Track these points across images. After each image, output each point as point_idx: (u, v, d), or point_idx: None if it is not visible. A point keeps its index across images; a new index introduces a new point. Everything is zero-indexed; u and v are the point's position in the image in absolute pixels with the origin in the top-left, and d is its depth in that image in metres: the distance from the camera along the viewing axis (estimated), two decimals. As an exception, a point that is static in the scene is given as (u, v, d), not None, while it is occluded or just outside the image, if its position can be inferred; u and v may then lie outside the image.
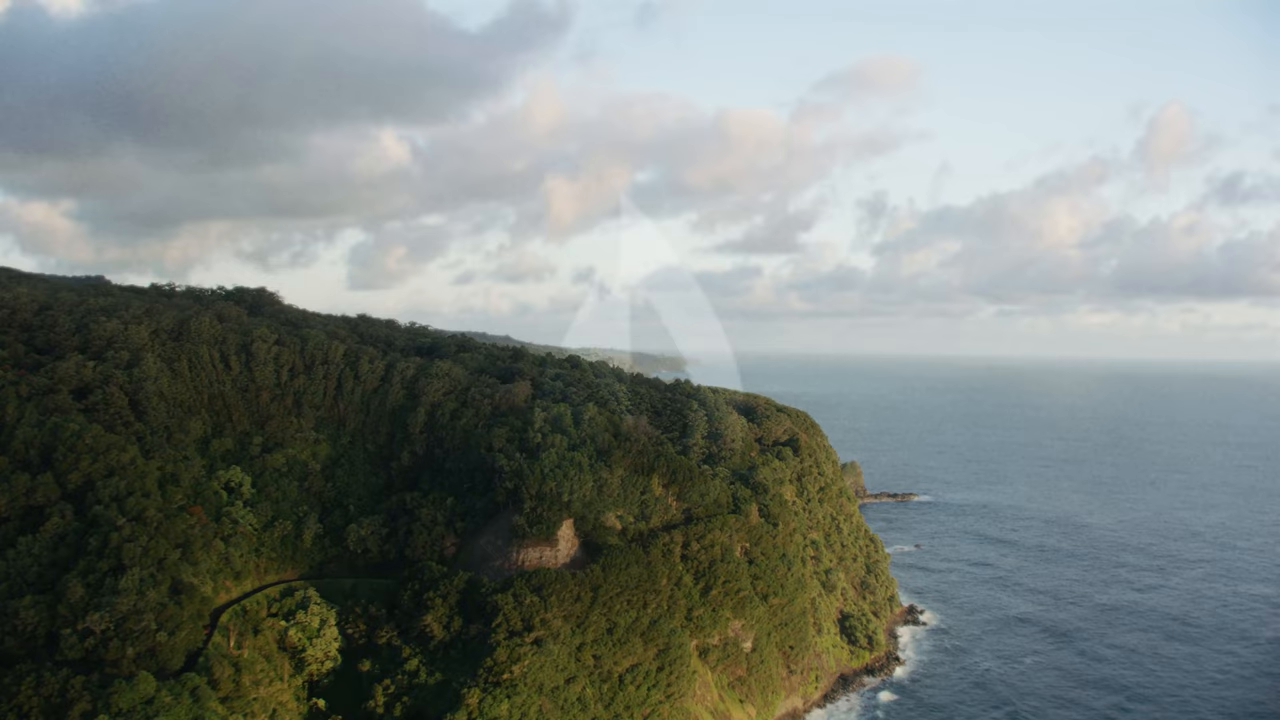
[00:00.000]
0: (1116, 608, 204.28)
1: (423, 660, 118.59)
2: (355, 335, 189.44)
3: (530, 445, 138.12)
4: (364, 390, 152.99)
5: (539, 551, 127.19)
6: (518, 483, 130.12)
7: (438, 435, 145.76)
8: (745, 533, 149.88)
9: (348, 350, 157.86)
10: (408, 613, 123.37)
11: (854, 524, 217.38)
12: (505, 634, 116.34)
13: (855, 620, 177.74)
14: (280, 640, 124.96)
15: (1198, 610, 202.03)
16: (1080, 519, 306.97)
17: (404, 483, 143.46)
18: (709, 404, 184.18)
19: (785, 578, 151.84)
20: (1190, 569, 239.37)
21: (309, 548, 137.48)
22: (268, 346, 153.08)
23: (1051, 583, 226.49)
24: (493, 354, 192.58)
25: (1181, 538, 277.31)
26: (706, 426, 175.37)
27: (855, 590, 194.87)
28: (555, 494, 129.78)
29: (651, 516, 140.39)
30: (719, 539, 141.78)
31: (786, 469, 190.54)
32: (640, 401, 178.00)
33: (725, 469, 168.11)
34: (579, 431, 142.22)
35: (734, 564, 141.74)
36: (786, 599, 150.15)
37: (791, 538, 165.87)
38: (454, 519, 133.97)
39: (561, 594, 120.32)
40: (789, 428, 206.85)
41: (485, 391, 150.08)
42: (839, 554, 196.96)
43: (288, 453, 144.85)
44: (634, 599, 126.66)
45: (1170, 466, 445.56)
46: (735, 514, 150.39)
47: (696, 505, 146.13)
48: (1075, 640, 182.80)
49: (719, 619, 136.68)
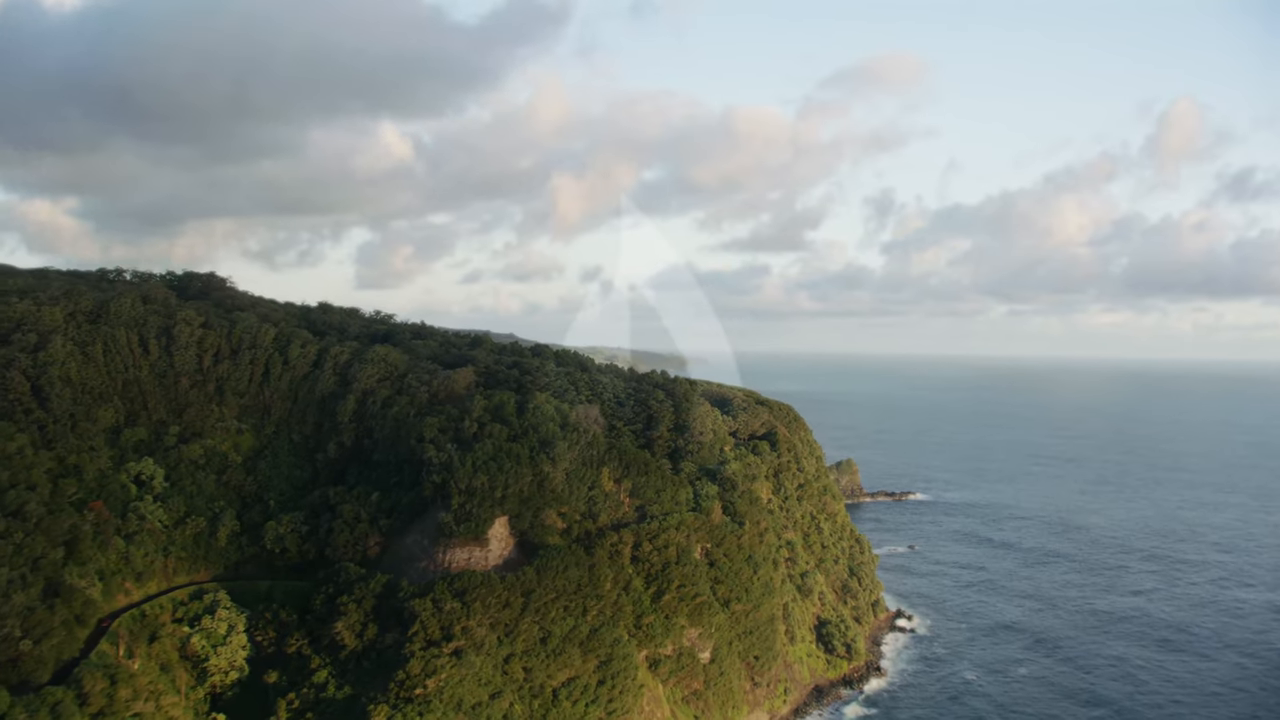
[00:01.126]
0: (1113, 614, 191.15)
1: (332, 672, 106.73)
2: (305, 322, 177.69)
3: (465, 436, 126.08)
4: (293, 377, 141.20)
5: (467, 552, 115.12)
6: (446, 476, 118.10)
7: (367, 425, 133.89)
8: (706, 532, 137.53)
9: (279, 334, 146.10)
10: (320, 619, 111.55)
11: (838, 524, 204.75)
12: (422, 644, 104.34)
13: (833, 627, 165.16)
14: (182, 648, 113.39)
15: (1199, 618, 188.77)
16: (1082, 520, 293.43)
17: (330, 476, 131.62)
18: (678, 394, 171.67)
19: (751, 581, 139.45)
20: (1194, 573, 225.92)
21: (224, 546, 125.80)
22: (191, 330, 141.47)
23: (1047, 587, 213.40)
24: (448, 340, 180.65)
25: (1186, 540, 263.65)
26: (673, 418, 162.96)
27: (836, 594, 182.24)
28: (487, 489, 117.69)
29: (600, 514, 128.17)
30: (675, 539, 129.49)
31: (762, 464, 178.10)
32: (603, 391, 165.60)
33: (691, 464, 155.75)
34: (522, 421, 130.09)
35: (691, 566, 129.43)
36: (752, 604, 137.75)
37: (762, 538, 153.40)
38: (378, 516, 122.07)
39: (488, 599, 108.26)
40: (767, 421, 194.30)
41: (423, 378, 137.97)
42: (818, 556, 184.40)
43: (206, 443, 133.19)
44: (573, 605, 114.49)
45: (1176, 466, 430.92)
46: (696, 512, 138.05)
47: (652, 502, 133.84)
48: (1066, 649, 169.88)
49: (672, 627, 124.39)
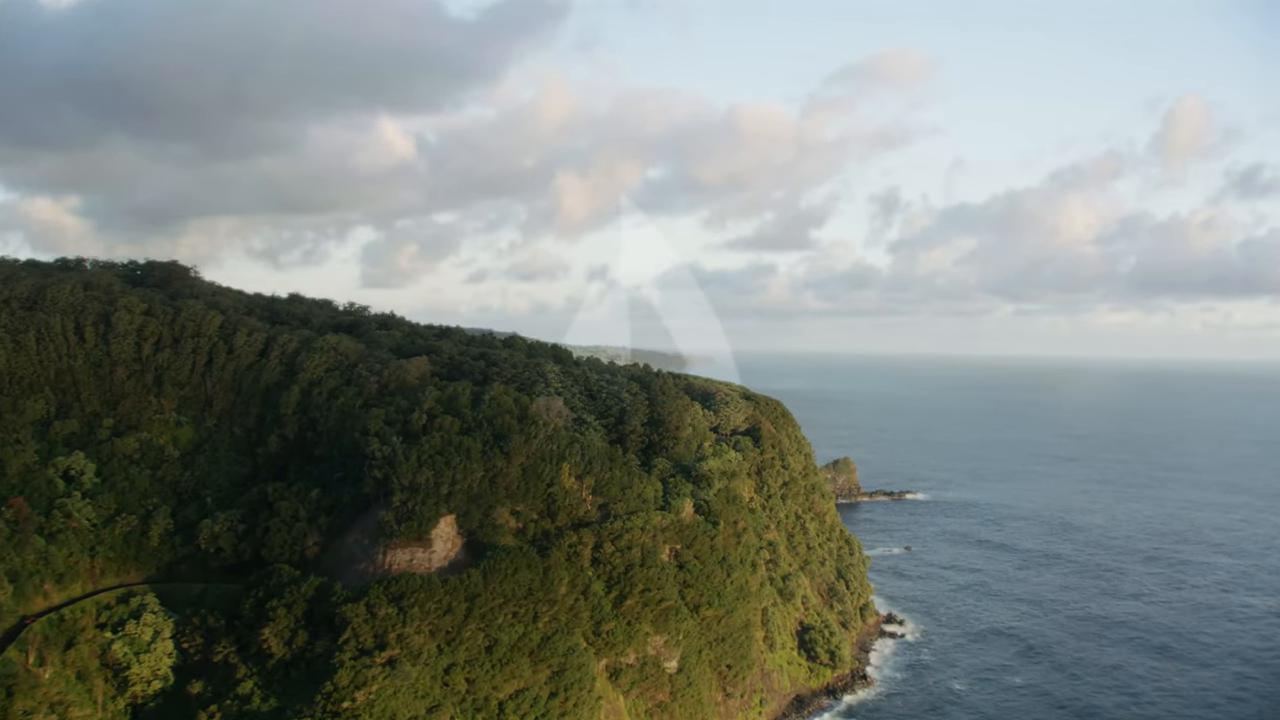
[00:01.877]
0: (1112, 620, 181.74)
1: (259, 682, 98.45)
2: (267, 313, 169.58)
3: (414, 429, 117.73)
4: (237, 366, 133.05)
5: (409, 553, 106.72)
6: (388, 471, 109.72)
7: (311, 417, 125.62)
8: (675, 533, 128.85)
9: (225, 322, 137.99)
10: (248, 625, 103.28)
11: (826, 524, 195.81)
12: (353, 652, 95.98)
13: (816, 633, 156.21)
14: (102, 656, 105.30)
15: (1201, 624, 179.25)
16: (1083, 520, 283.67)
17: (271, 472, 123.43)
18: (654, 387, 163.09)
19: (724, 585, 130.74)
20: (1198, 576, 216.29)
21: (156, 546, 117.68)
22: (131, 317, 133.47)
23: (1045, 590, 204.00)
24: (415, 331, 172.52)
25: (1191, 542, 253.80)
26: (647, 412, 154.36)
27: (821, 598, 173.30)
28: (432, 485, 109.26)
29: (559, 513, 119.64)
30: (640, 539, 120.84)
31: (744, 462, 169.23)
32: (574, 383, 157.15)
33: (665, 460, 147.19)
34: (476, 414, 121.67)
35: (657, 569, 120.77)
36: (724, 610, 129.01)
37: (739, 539, 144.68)
38: (318, 514, 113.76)
39: (427, 604, 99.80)
40: (751, 416, 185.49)
41: (374, 368, 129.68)
42: (803, 557, 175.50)
43: (142, 436, 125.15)
44: (523, 610, 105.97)
45: (1182, 466, 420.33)
46: (664, 511, 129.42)
47: (616, 500, 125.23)
48: (1062, 657, 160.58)
49: (635, 634, 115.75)
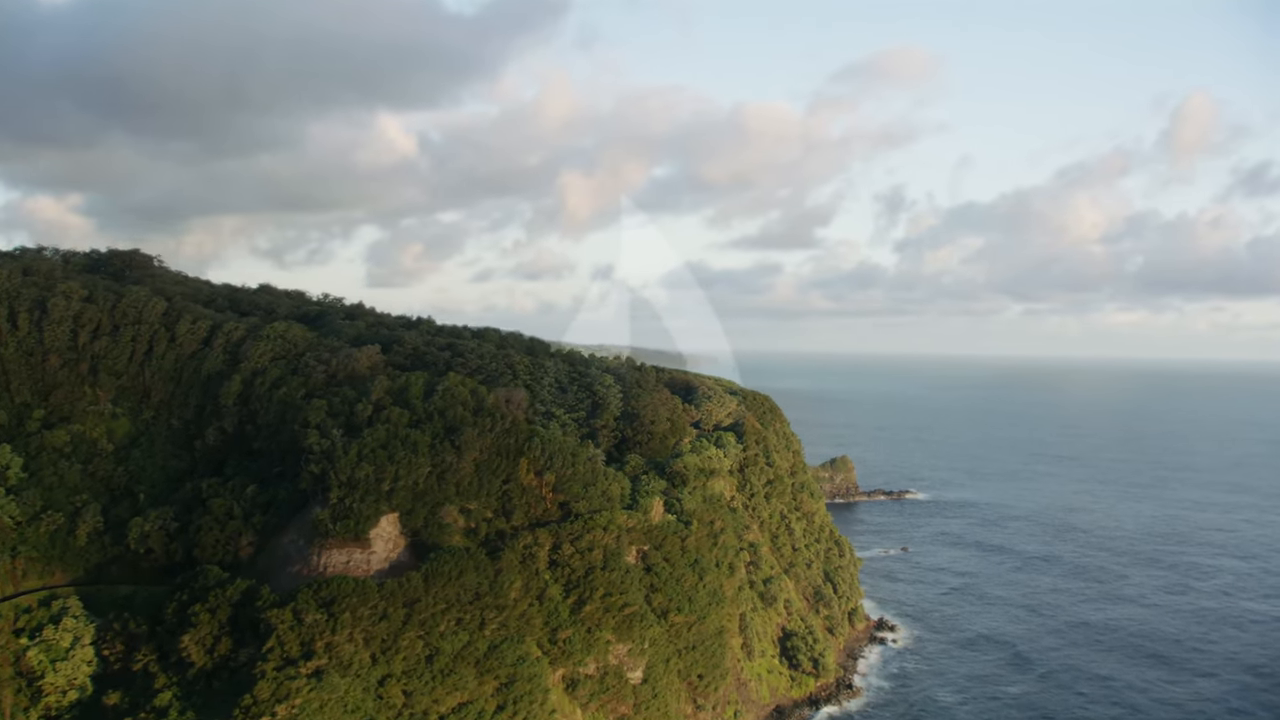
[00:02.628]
0: (1112, 627, 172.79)
1: (177, 694, 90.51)
2: (230, 303, 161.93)
3: (359, 421, 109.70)
4: (179, 355, 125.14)
5: (346, 554, 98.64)
6: (326, 466, 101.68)
7: (252, 409, 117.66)
8: (643, 533, 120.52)
9: (169, 309, 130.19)
10: (170, 630, 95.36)
11: (815, 524, 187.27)
12: (277, 662, 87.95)
13: (799, 639, 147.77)
14: (16, 664, 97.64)
15: (1206, 631, 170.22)
16: (1085, 521, 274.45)
17: (208, 466, 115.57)
18: (629, 380, 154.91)
19: (695, 589, 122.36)
20: (1202, 580, 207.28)
21: (84, 546, 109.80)
22: (68, 303, 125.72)
23: (1043, 595, 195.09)
24: (380, 321, 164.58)
25: (1195, 544, 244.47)
26: (620, 405, 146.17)
27: (806, 603, 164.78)
28: (373, 481, 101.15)
29: (515, 511, 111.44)
30: (602, 540, 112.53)
31: (725, 459, 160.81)
32: (544, 375, 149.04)
33: (637, 456, 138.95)
34: (427, 405, 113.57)
35: (621, 572, 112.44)
36: (695, 615, 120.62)
37: (716, 540, 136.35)
38: (253, 512, 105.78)
39: (360, 610, 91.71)
40: (735, 411, 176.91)
41: (322, 357, 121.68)
42: (788, 559, 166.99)
43: (73, 429, 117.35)
44: (468, 617, 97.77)
45: (1188, 465, 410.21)
46: (631, 510, 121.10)
47: (578, 498, 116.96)
48: (1058, 667, 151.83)
49: (595, 642, 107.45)
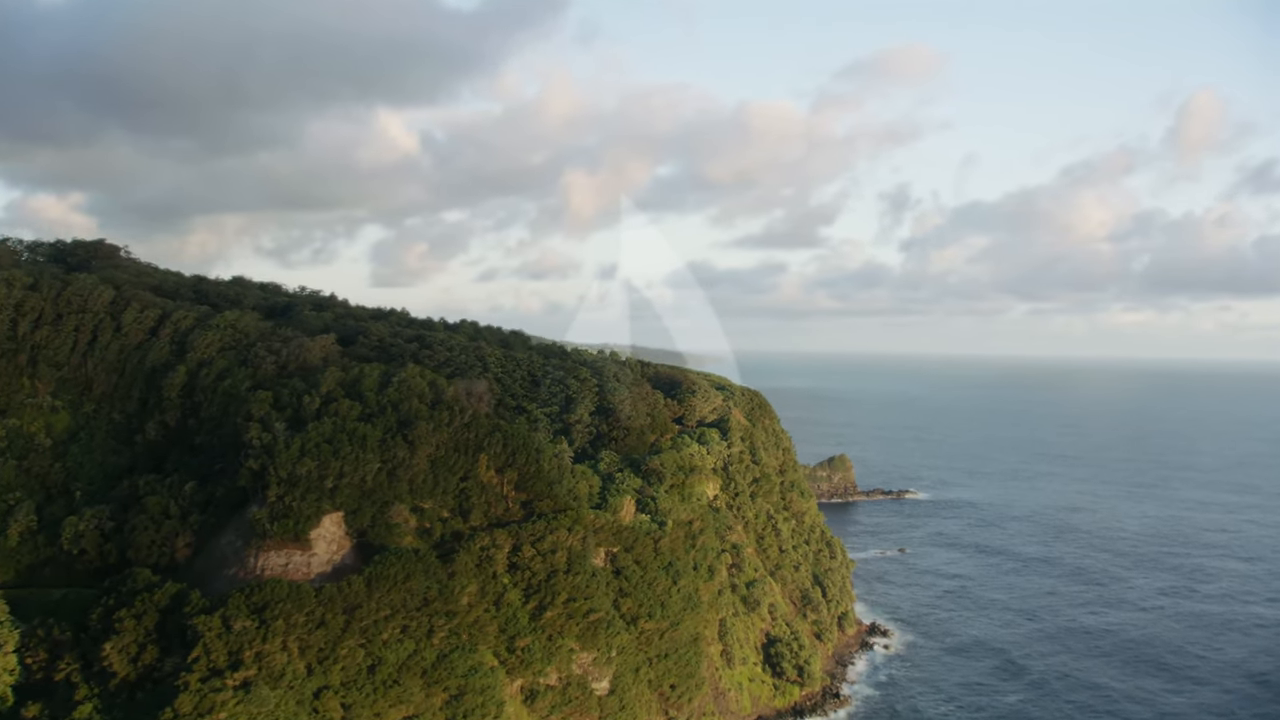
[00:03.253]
0: (1113, 633, 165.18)
1: (98, 706, 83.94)
2: (195, 293, 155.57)
3: (306, 413, 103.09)
4: (123, 346, 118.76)
5: (285, 556, 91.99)
6: (265, 462, 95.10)
7: (195, 402, 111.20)
8: (612, 534, 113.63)
9: (117, 298, 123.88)
10: (95, 638, 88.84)
11: (805, 524, 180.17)
12: (202, 673, 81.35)
13: (784, 646, 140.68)
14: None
15: (1209, 638, 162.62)
16: (1089, 522, 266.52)
17: (149, 462, 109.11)
18: (606, 373, 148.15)
19: (668, 594, 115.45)
20: (1206, 583, 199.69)
21: (15, 546, 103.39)
22: (9, 291, 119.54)
23: (1043, 600, 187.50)
24: (349, 313, 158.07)
25: (1200, 545, 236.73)
26: (596, 400, 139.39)
27: (793, 607, 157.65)
28: (315, 478, 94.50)
29: (473, 511, 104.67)
30: (566, 542, 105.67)
31: (708, 456, 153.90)
32: (517, 368, 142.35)
33: (612, 453, 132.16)
34: (381, 397, 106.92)
35: (586, 576, 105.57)
36: (668, 622, 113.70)
37: (694, 541, 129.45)
38: (191, 511, 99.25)
39: (294, 617, 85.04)
40: (720, 407, 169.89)
41: (273, 347, 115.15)
42: (774, 561, 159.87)
43: (9, 423, 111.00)
44: (415, 624, 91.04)
45: (1191, 465, 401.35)
46: (600, 509, 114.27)
47: (543, 497, 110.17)
48: (1057, 675, 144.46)
49: (557, 651, 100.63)
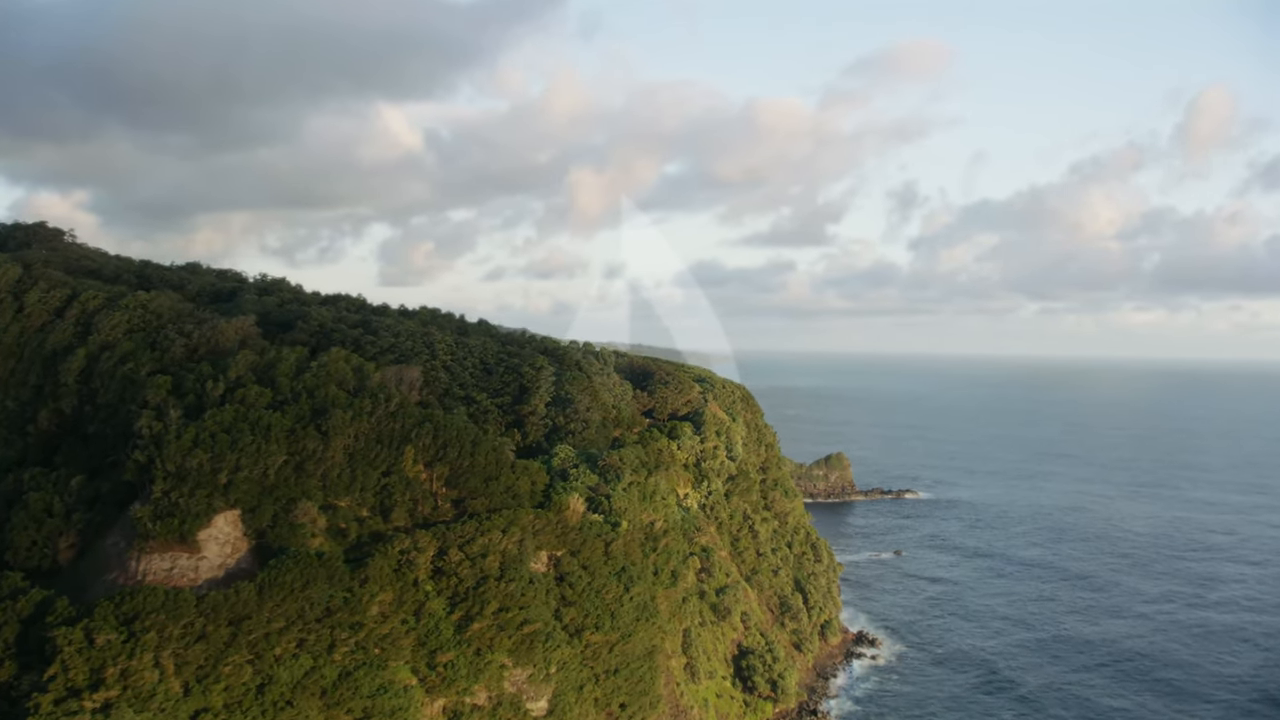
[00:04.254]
0: (1117, 646, 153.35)
1: (-54, 733, 73.86)
2: (139, 278, 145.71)
3: (209, 400, 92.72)
4: (24, 328, 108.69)
5: (169, 560, 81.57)
6: (153, 453, 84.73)
7: (93, 388, 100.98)
8: (556, 537, 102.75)
9: (23, 276, 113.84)
10: (-49, 654, 78.61)
11: (787, 525, 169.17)
12: (59, 692, 71.02)
13: (756, 658, 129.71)
14: None
15: (1218, 650, 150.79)
16: (1096, 525, 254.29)
17: (41, 455, 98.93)
18: (567, 361, 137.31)
19: (619, 602, 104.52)
20: (1217, 590, 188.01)
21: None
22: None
23: (1045, 609, 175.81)
24: (298, 297, 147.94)
25: (1212, 548, 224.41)
26: (552, 389, 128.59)
27: (770, 615, 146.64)
28: (208, 471, 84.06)
29: (395, 509, 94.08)
30: (499, 544, 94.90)
31: (678, 452, 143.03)
32: (468, 355, 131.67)
33: (567, 447, 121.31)
34: (296, 383, 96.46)
35: (521, 582, 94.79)
36: (618, 634, 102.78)
37: (655, 543, 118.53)
38: (77, 508, 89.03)
39: (169, 629, 74.58)
40: (694, 399, 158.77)
41: (184, 329, 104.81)
42: (750, 566, 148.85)
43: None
44: (315, 638, 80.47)
45: (1201, 464, 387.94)
46: (543, 508, 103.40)
47: (476, 494, 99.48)
48: (1052, 693, 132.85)
49: (486, 666, 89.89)
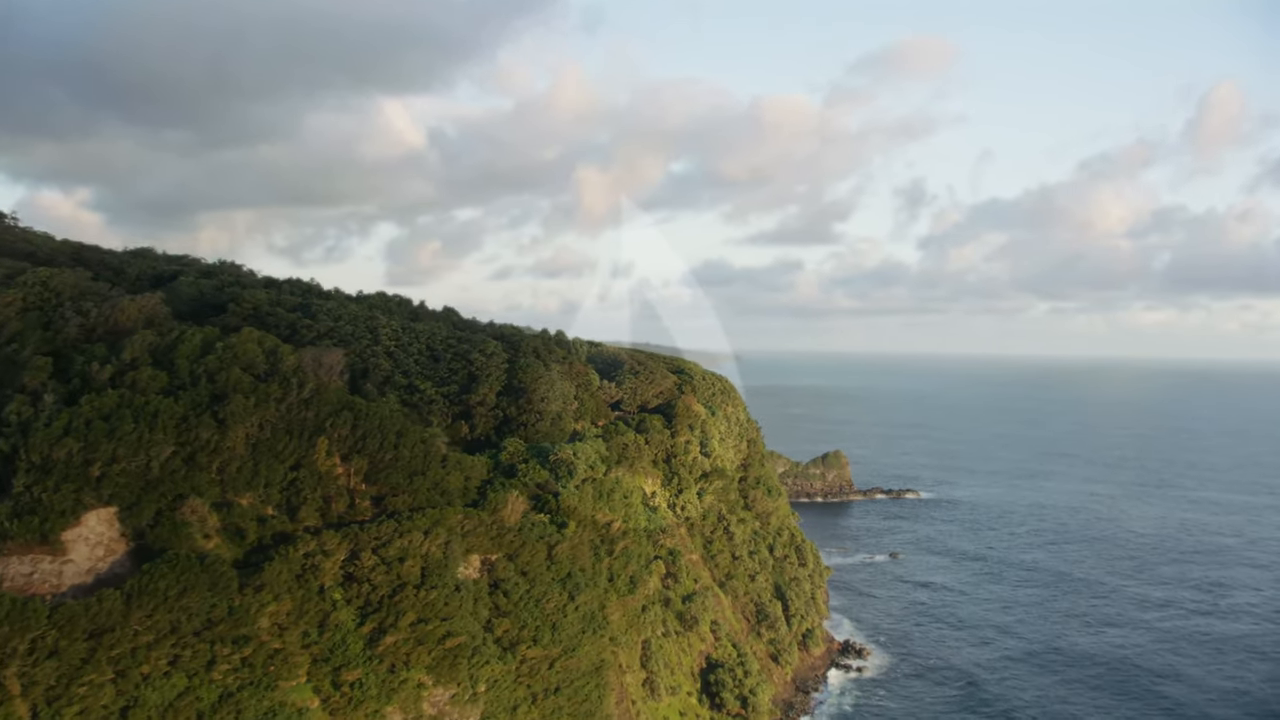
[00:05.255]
0: (1118, 658, 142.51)
1: None
2: (75, 260, 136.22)
3: (95, 385, 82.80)
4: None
5: (30, 564, 71.54)
6: (19, 442, 74.82)
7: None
8: (490, 539, 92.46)
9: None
10: None
11: (769, 527, 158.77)
12: (-125, 722, 61.36)
13: (726, 672, 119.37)
14: None
15: (1228, 664, 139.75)
16: (1101, 528, 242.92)
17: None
18: (524, 348, 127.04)
19: (563, 612, 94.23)
20: (1226, 597, 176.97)
21: None
22: None
23: (1048, 616, 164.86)
24: (239, 280, 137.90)
25: (1221, 552, 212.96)
26: (504, 378, 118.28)
27: (746, 624, 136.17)
28: (78, 463, 74.12)
29: (303, 508, 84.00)
30: (420, 547, 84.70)
31: (646, 447, 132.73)
32: (414, 340, 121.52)
33: (517, 441, 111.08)
34: (197, 366, 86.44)
35: (445, 590, 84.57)
36: (560, 647, 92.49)
37: (611, 547, 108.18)
38: (-61, 504, 79.26)
39: (14, 642, 64.57)
40: (667, 390, 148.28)
41: (82, 307, 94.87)
42: (724, 571, 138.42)
43: None
44: (191, 654, 70.44)
45: (1213, 465, 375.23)
46: (475, 507, 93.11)
47: (399, 491, 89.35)
48: (1047, 714, 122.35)
49: (402, 685, 79.73)
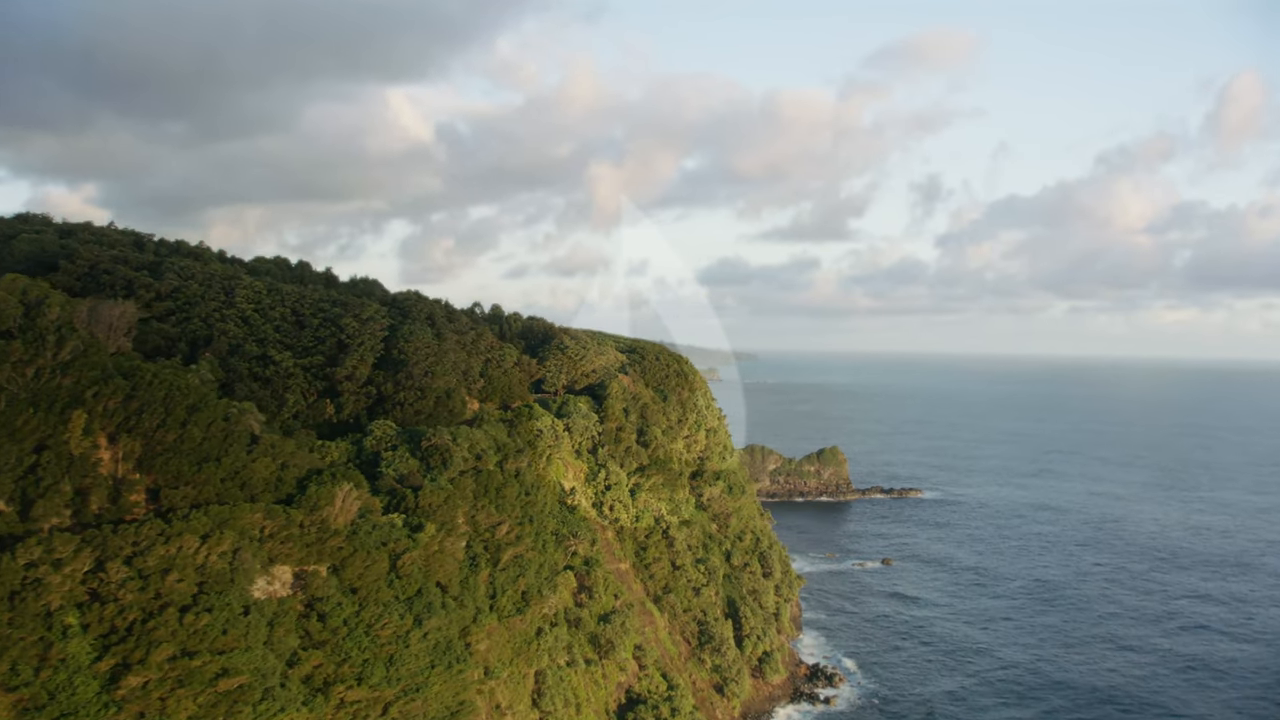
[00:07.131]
0: (1128, 693, 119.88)
1: None
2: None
3: None
4: None
5: None
6: None
7: None
8: (308, 546, 71.10)
9: None
10: None
11: (728, 531, 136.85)
12: None
13: (648, 709, 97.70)
14: None
15: (1234, 694, 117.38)
16: (1112, 533, 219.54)
17: None
18: (415, 314, 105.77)
19: (404, 642, 72.78)
20: (1236, 609, 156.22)
21: None
22: None
23: (1047, 640, 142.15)
24: (101, 238, 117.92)
25: (1235, 560, 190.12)
26: (380, 348, 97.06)
27: (685, 648, 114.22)
28: None
29: (41, 501, 63.04)
30: (194, 557, 63.55)
31: (566, 434, 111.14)
32: (279, 302, 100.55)
33: (389, 424, 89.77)
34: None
35: (225, 613, 63.36)
36: (400, 687, 70.98)
37: (495, 555, 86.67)
38: None
39: None
40: (602, 368, 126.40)
41: None
42: (662, 583, 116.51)
43: None
44: None
45: (1226, 465, 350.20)
46: (288, 504, 71.82)
47: (181, 482, 68.22)
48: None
49: (148, 745, 58.63)
